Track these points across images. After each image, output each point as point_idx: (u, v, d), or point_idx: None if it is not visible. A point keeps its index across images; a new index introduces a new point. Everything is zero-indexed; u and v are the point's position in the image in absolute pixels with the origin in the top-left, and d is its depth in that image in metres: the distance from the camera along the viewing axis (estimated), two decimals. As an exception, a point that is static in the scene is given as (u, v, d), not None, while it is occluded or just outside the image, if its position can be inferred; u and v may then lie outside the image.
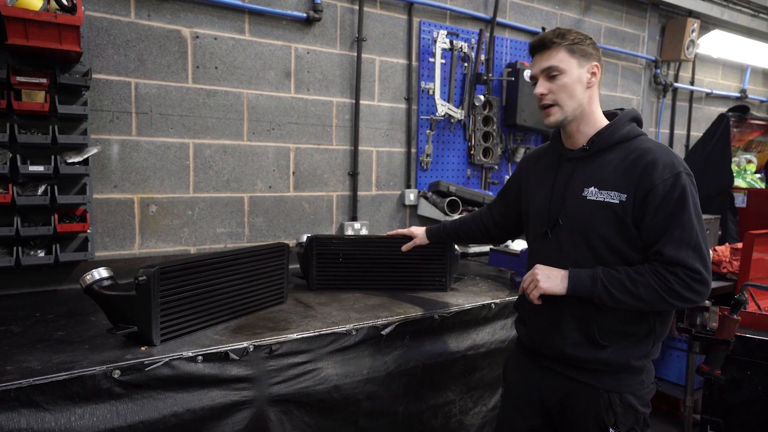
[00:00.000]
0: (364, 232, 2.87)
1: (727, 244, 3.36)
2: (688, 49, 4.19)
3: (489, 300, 2.11)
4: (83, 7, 1.99)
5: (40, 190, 1.96)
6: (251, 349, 1.57)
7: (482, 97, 3.16)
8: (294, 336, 1.65)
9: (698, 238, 1.34)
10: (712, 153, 4.16)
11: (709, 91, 4.77)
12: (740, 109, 4.57)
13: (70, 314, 1.79)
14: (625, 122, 1.47)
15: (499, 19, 3.26)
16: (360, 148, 2.85)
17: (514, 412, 1.67)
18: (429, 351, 1.93)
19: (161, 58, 2.29)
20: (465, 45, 3.09)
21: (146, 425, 1.37)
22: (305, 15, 2.59)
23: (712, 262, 3.09)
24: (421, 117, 3.04)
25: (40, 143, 1.94)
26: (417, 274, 2.23)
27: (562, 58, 1.43)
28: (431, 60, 3.02)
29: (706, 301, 2.34)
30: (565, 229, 1.48)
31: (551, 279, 1.44)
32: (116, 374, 1.35)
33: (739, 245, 3.18)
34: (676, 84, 4.45)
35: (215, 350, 1.51)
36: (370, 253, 2.20)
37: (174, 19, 2.30)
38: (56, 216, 1.97)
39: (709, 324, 2.27)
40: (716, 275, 3.15)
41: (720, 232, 3.60)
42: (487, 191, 3.27)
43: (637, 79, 4.26)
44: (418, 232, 2.10)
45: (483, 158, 3.27)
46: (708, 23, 4.45)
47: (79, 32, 1.88)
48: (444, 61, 3.05)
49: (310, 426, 1.68)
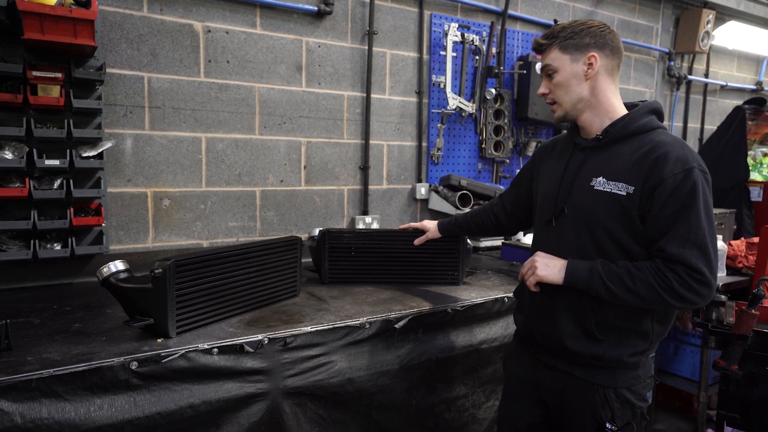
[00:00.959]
0: (376, 226, 2.87)
1: (742, 238, 3.32)
2: (702, 40, 4.13)
3: (502, 294, 2.11)
4: (97, 2, 2.00)
5: (56, 184, 1.98)
6: (266, 342, 1.57)
7: (493, 91, 3.14)
8: (308, 329, 1.66)
9: (705, 237, 1.30)
10: (727, 146, 4.10)
11: (724, 83, 4.70)
12: (756, 101, 4.50)
13: (87, 307, 1.81)
14: (643, 114, 1.44)
15: (510, 12, 3.23)
16: (371, 141, 2.85)
17: (513, 406, 1.68)
18: (442, 345, 1.92)
19: (174, 53, 2.29)
20: (476, 38, 3.07)
21: (163, 416, 1.38)
22: (316, 8, 2.58)
23: (728, 257, 3.07)
24: (432, 110, 3.03)
25: (56, 137, 1.96)
26: (429, 267, 2.23)
27: (554, 57, 1.45)
28: (442, 53, 3.01)
29: (722, 296, 2.32)
30: (570, 218, 1.46)
31: (549, 267, 1.43)
32: (134, 366, 1.36)
33: (755, 239, 3.14)
34: (690, 76, 4.39)
35: (230, 342, 1.52)
36: (382, 246, 2.20)
37: (186, 13, 2.31)
38: (72, 209, 1.99)
39: (725, 319, 2.25)
40: (731, 270, 3.11)
41: (735, 227, 3.55)
42: (498, 185, 3.25)
43: (650, 72, 4.21)
44: (430, 225, 2.09)
45: (494, 152, 3.26)
46: (723, 14, 4.38)
47: (93, 27, 1.89)
48: (455, 54, 3.04)
49: (324, 418, 1.69)
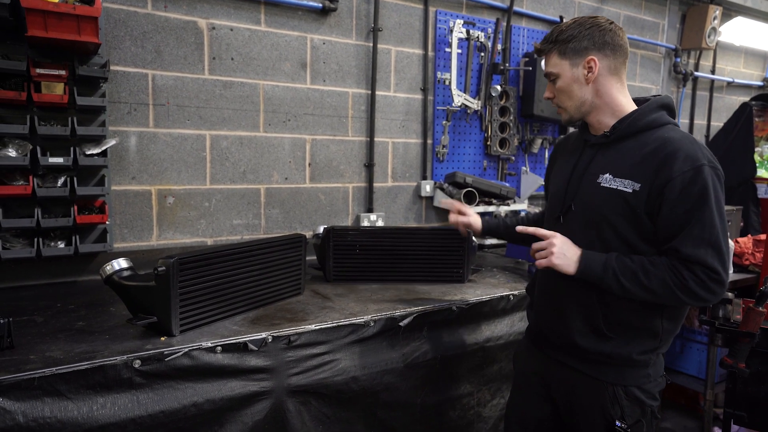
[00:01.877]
0: (380, 223, 2.85)
1: (749, 235, 3.29)
2: (709, 37, 4.09)
3: (507, 291, 2.09)
4: (100, -1, 1.99)
5: (60, 182, 1.98)
6: (270, 340, 1.57)
7: (499, 88, 3.12)
8: (312, 327, 1.65)
9: (719, 236, 1.29)
10: (734, 143, 4.06)
11: (731, 79, 4.66)
12: (763, 97, 4.46)
13: (91, 305, 1.80)
14: (653, 109, 1.42)
15: (516, 8, 3.21)
16: (376, 139, 2.83)
17: (522, 401, 1.67)
18: (447, 343, 1.91)
19: (178, 50, 2.29)
20: (482, 34, 3.05)
21: (167, 415, 1.38)
22: (321, 5, 2.57)
23: (734, 254, 3.04)
24: (437, 108, 3.01)
25: (60, 135, 1.95)
26: (434, 265, 2.21)
27: (554, 63, 1.45)
28: (447, 50, 2.99)
29: (729, 294, 2.29)
30: (577, 215, 1.46)
31: (565, 257, 1.40)
32: (137, 364, 1.35)
33: (762, 237, 3.11)
34: (696, 73, 4.35)
35: (234, 341, 1.52)
36: (387, 244, 2.19)
37: (190, 10, 2.30)
38: (75, 207, 1.98)
39: (732, 316, 2.22)
40: (738, 267, 3.08)
41: (742, 224, 3.52)
42: (503, 182, 3.23)
43: (657, 69, 4.18)
44: (475, 223, 1.92)
45: (499, 149, 3.23)
46: (730, 10, 4.34)
47: (97, 23, 1.88)
48: (460, 51, 3.01)
49: (329, 417, 1.68)
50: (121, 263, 1.56)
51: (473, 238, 2.24)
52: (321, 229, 2.22)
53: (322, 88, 2.66)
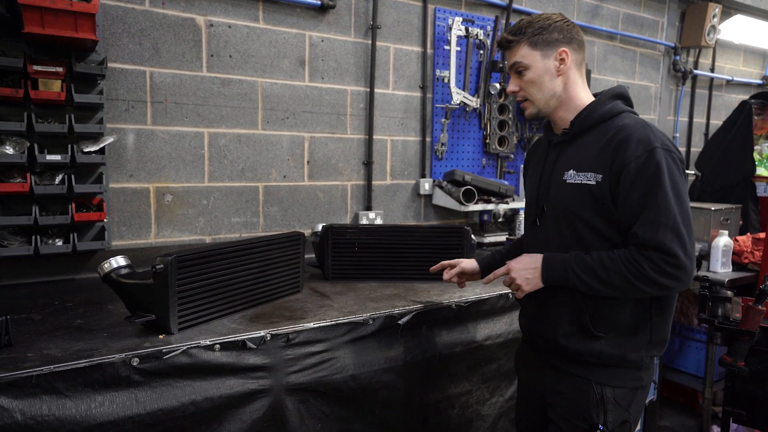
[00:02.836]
0: (379, 221, 2.85)
1: (748, 234, 3.29)
2: (708, 35, 4.09)
3: (506, 290, 2.09)
4: (98, -5, 1.98)
5: (58, 179, 1.97)
6: (268, 338, 1.56)
7: (498, 85, 3.11)
8: (311, 325, 1.65)
9: (676, 218, 1.26)
10: (733, 141, 4.06)
11: (730, 78, 4.66)
12: (762, 95, 4.45)
13: (89, 302, 1.80)
14: (605, 100, 1.42)
15: (515, 6, 3.20)
16: (374, 137, 2.83)
17: (525, 408, 1.67)
18: (446, 341, 1.91)
19: (176, 47, 2.28)
20: (481, 32, 3.04)
21: (165, 413, 1.37)
22: (319, 2, 2.56)
23: (733, 252, 3.04)
24: (436, 105, 3.01)
25: (57, 132, 1.94)
26: (433, 263, 2.20)
27: (524, 54, 1.42)
28: (446, 48, 2.98)
29: (728, 292, 2.29)
30: (550, 215, 1.46)
31: (529, 279, 1.43)
32: (135, 362, 1.35)
33: (762, 235, 3.11)
34: (695, 71, 4.35)
35: (233, 339, 1.51)
36: (385, 242, 2.19)
37: (188, 7, 2.29)
38: (73, 205, 1.98)
39: (731, 315, 2.22)
40: (737, 265, 3.09)
41: (741, 222, 3.52)
42: (502, 180, 3.23)
43: (656, 67, 4.17)
44: (468, 265, 1.80)
45: (498, 147, 3.23)
46: (730, 8, 4.34)
47: (94, 20, 1.87)
48: (459, 48, 3.01)
49: (327, 415, 1.67)
50: (119, 261, 1.56)
51: (472, 236, 2.24)
52: (320, 227, 2.21)
53: (320, 86, 2.65)
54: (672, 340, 3.33)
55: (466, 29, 2.98)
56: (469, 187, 2.89)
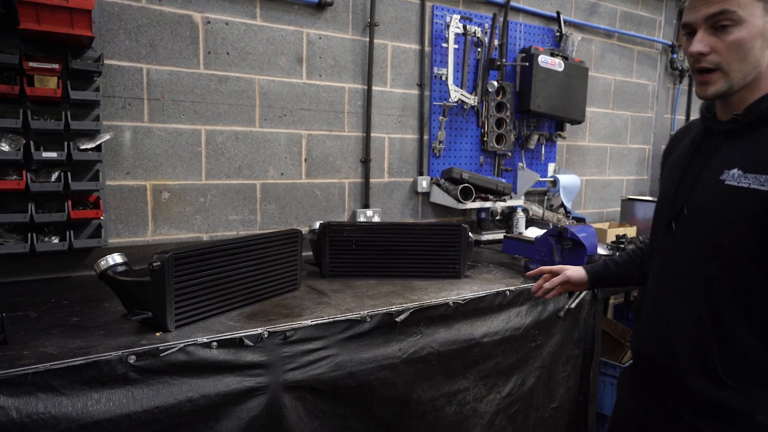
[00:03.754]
0: (377, 219, 2.85)
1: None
2: (706, 33, 4.09)
3: (503, 287, 2.09)
4: (94, -8, 1.97)
5: (54, 177, 1.96)
6: (266, 336, 1.56)
7: (496, 83, 3.11)
8: (308, 322, 1.65)
9: None
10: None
11: (727, 76, 4.67)
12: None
13: (85, 300, 1.79)
14: None
15: (513, 3, 3.20)
16: (372, 134, 2.82)
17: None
18: (443, 338, 1.91)
19: (173, 44, 2.27)
20: (478, 30, 3.04)
21: (162, 410, 1.37)
22: (317, -1, 2.55)
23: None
24: (434, 103, 3.00)
25: (53, 129, 1.94)
26: (431, 261, 2.21)
27: (742, 1, 1.00)
28: (444, 45, 2.97)
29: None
30: (690, 222, 1.13)
31: None
32: (132, 360, 1.35)
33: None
34: (693, 69, 4.35)
35: (230, 336, 1.51)
36: (383, 240, 2.19)
37: (185, 4, 2.28)
38: (70, 202, 1.97)
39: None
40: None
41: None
42: (500, 178, 3.23)
43: (653, 65, 4.18)
44: (573, 274, 1.57)
45: (496, 145, 3.23)
46: (727, 6, 4.34)
47: (90, 17, 1.86)
48: (457, 46, 3.00)
49: (325, 412, 1.67)
50: (115, 258, 1.55)
51: (470, 234, 2.24)
52: (317, 225, 2.21)
53: (318, 83, 2.64)
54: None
55: (464, 27, 2.97)
56: (466, 184, 2.89)
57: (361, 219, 2.80)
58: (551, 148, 3.57)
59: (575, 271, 1.56)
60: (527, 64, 3.19)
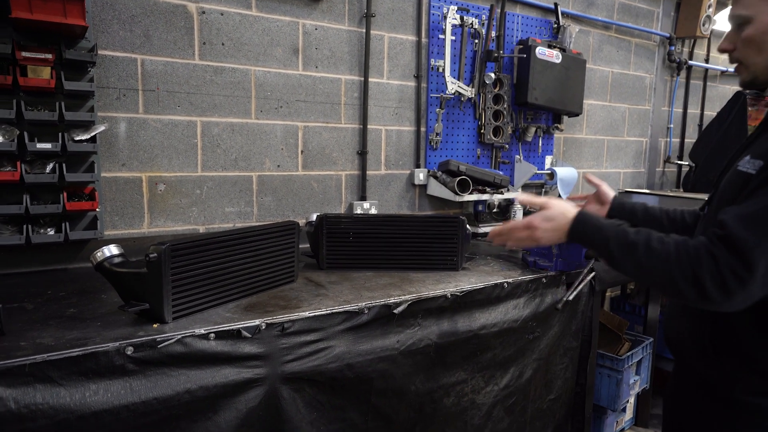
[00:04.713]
0: (374, 211, 2.84)
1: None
2: (704, 25, 4.09)
3: (501, 279, 2.09)
4: (88, -19, 1.95)
5: (48, 168, 1.94)
6: (263, 327, 1.56)
7: (493, 75, 3.10)
8: (306, 314, 1.64)
9: None
10: (727, 132, 4.07)
11: (725, 68, 4.67)
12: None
13: (82, 292, 1.78)
14: None
15: (510, -6, 3.18)
16: (369, 126, 2.81)
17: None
18: (441, 330, 1.91)
19: (167, 34, 2.24)
20: (476, 21, 3.02)
21: (160, 401, 1.37)
22: (313, -11, 2.53)
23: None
24: (431, 95, 2.99)
25: (47, 120, 1.91)
26: (428, 253, 2.21)
27: (749, 3, 1.12)
28: (441, 36, 2.96)
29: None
30: (710, 207, 1.22)
31: (550, 239, 1.24)
32: (129, 351, 1.34)
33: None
34: (690, 62, 4.35)
35: (227, 328, 1.50)
36: (380, 232, 2.18)
37: (180, -6, 2.25)
38: (65, 194, 1.95)
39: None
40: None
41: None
42: (497, 171, 3.23)
43: (651, 57, 4.17)
44: (608, 190, 1.67)
45: (493, 137, 3.22)
46: (724, -2, 4.34)
47: (83, 6, 1.84)
48: (454, 37, 2.99)
49: (323, 404, 1.68)
50: (111, 250, 1.54)
51: (467, 226, 2.24)
52: (314, 217, 2.20)
53: (314, 75, 2.63)
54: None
55: (461, 18, 2.96)
56: (464, 177, 2.89)
57: (358, 211, 2.79)
58: (548, 141, 3.57)
59: (609, 190, 1.64)
60: (524, 55, 3.18)
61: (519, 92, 3.26)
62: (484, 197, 3.01)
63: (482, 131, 3.20)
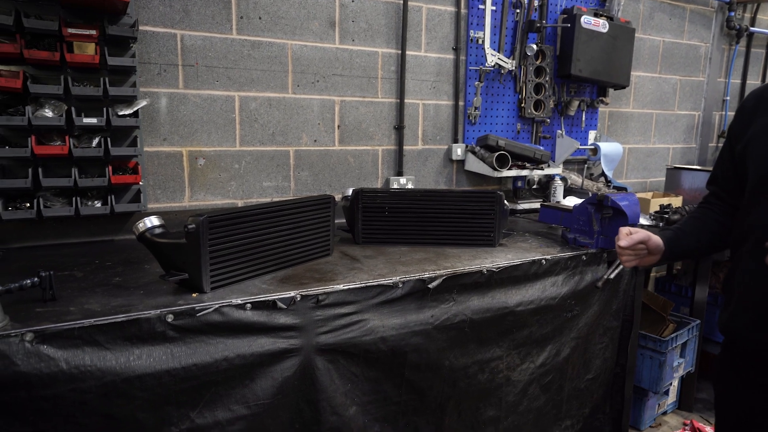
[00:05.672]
0: (410, 187, 2.82)
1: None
2: (767, -12, 3.79)
3: (539, 256, 2.04)
4: (128, -44, 1.97)
5: (95, 142, 2.01)
6: (298, 299, 1.58)
7: (534, 47, 2.98)
8: (341, 287, 1.65)
9: None
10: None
11: (789, 36, 4.34)
12: (824, 55, 4.14)
13: (126, 262, 1.85)
14: None
15: (555, -40, 3.03)
16: (406, 100, 2.77)
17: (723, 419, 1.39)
18: (476, 306, 1.89)
19: (205, 9, 2.26)
20: (518, -11, 2.90)
21: (199, 368, 1.41)
22: (350, -40, 2.48)
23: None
24: (470, 68, 2.91)
25: (93, 95, 1.97)
26: (465, 228, 2.18)
27: None
28: (481, 7, 2.86)
29: None
30: None
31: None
32: (170, 318, 1.38)
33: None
34: (752, 28, 4.06)
35: (263, 299, 1.53)
36: (416, 207, 2.16)
37: (217, -32, 2.25)
38: (110, 168, 2.02)
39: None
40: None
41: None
42: (537, 146, 3.13)
43: (707, 24, 3.91)
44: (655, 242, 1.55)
45: (534, 111, 3.12)
46: (793, -41, 4.00)
47: (124, -19, 1.86)
48: (494, 7, 2.88)
49: (357, 376, 1.69)
50: (153, 221, 1.59)
51: (505, 201, 2.19)
52: (350, 192, 2.20)
53: (351, 48, 2.60)
54: (712, 311, 3.22)
55: (503, -14, 2.84)
56: (502, 152, 2.82)
57: (395, 186, 2.78)
58: (592, 115, 3.43)
59: (657, 240, 1.51)
60: (569, 25, 3.04)
61: (562, 64, 3.13)
62: (524, 173, 2.93)
63: (523, 105, 3.10)
